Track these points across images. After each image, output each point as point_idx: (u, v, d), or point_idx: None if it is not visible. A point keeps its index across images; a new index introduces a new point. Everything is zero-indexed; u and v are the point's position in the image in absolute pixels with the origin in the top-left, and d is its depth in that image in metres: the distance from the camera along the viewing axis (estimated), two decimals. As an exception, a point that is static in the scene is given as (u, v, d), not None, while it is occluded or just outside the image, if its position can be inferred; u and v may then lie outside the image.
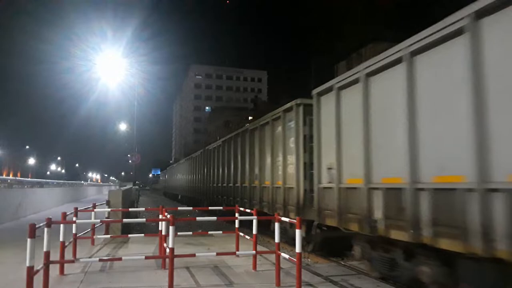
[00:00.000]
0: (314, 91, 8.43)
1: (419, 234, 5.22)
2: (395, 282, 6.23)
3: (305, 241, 8.89)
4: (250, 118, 60.96)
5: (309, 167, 9.15)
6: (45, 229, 5.20)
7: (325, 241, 8.75)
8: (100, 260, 6.33)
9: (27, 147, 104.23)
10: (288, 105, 10.01)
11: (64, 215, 6.48)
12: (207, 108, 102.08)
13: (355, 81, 6.93)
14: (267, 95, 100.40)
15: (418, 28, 5.56)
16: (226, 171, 16.54)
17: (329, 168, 7.75)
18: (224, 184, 16.67)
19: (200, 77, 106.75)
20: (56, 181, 31.25)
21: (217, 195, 17.99)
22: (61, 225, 6.37)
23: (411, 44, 5.54)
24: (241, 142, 14.45)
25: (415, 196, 5.32)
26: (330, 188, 7.63)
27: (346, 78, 7.25)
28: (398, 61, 5.83)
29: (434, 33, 5.15)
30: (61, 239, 6.35)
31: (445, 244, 4.83)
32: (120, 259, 5.97)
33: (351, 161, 7.05)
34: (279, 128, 10.62)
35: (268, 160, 11.38)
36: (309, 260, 8.40)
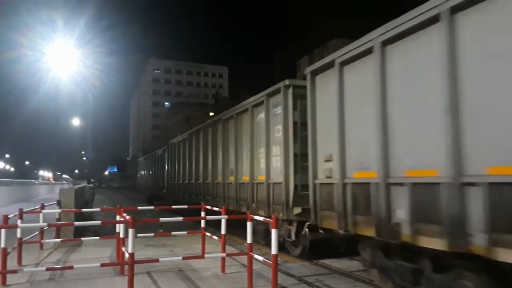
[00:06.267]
0: (308, 69, 7.14)
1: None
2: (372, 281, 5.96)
3: (293, 245, 8.36)
4: (211, 114, 59.99)
5: (301, 160, 7.86)
6: (-20, 236, 4.47)
7: (316, 244, 7.81)
8: (48, 269, 5.57)
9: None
10: (272, 88, 8.73)
11: (6, 218, 5.68)
12: (166, 103, 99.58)
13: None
14: (228, 91, 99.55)
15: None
16: (194, 166, 15.23)
17: (328, 160, 6.48)
18: (192, 181, 15.46)
19: (159, 71, 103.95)
20: (3, 179, 29.10)
21: (183, 193, 16.91)
22: (2, 230, 5.59)
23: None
24: (212, 133, 13.10)
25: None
26: (330, 184, 6.33)
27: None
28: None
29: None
30: (2, 245, 5.55)
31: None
32: (71, 267, 5.26)
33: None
34: (262, 115, 9.37)
35: (247, 152, 10.18)
36: (279, 259, 8.02)
